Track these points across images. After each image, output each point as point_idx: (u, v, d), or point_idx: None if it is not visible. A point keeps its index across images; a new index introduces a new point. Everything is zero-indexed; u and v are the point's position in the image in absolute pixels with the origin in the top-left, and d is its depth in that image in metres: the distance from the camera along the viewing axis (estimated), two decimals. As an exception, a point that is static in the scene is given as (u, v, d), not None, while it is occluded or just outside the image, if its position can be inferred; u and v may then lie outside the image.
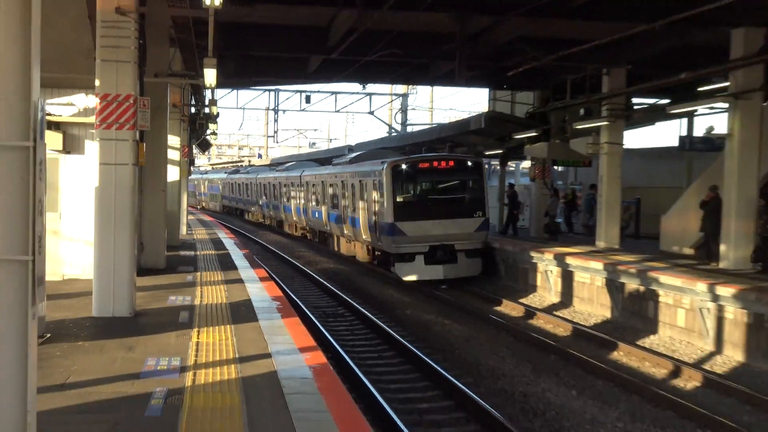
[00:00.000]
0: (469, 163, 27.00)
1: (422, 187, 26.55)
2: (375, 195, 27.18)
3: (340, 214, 35.32)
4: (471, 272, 26.01)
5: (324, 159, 51.82)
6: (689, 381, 15.11)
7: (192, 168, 53.35)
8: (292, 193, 45.72)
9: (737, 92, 20.51)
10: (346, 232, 34.43)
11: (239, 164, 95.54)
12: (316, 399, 8.47)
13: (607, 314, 21.27)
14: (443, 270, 24.52)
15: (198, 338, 11.58)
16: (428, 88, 60.32)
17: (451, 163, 27.12)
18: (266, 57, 28.75)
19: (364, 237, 31.38)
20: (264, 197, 56.33)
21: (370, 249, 31.77)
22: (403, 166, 25.55)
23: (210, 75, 17.68)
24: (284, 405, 8.22)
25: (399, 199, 25.02)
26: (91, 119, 15.59)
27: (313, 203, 41.11)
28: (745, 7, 16.80)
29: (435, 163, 26.60)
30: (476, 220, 25.47)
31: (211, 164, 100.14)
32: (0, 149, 5.64)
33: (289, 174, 47.98)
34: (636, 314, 20.07)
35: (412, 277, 24.59)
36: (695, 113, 31.96)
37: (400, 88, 52.86)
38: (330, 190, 37.76)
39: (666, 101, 31.30)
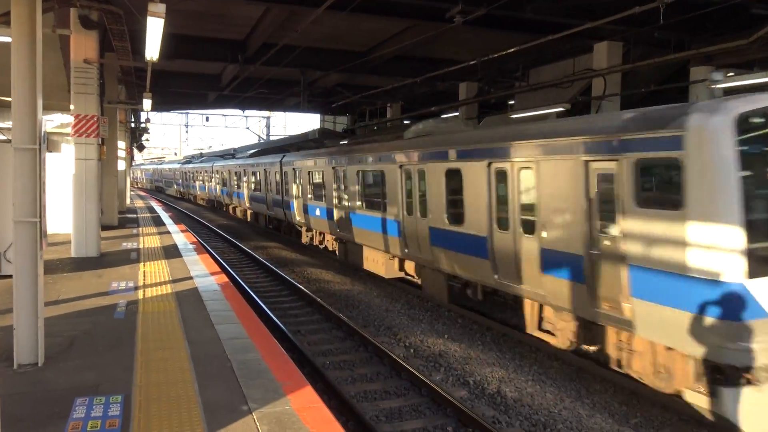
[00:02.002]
0: None
1: None
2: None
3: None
4: None
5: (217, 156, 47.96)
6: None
7: (133, 162, 50.29)
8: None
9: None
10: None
11: (162, 159, 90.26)
12: (224, 303, 8.40)
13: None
14: None
15: (144, 269, 11.14)
16: (282, 113, 59.46)
17: None
18: (180, 92, 27.45)
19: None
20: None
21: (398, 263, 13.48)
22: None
23: (147, 104, 16.85)
24: (204, 307, 8.12)
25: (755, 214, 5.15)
26: (66, 130, 14.58)
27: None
28: (468, 71, 17.58)
29: None
30: None
31: (144, 159, 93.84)
32: (19, 150, 5.37)
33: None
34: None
35: None
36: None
37: (266, 113, 52.10)
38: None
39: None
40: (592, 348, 8.43)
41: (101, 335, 6.76)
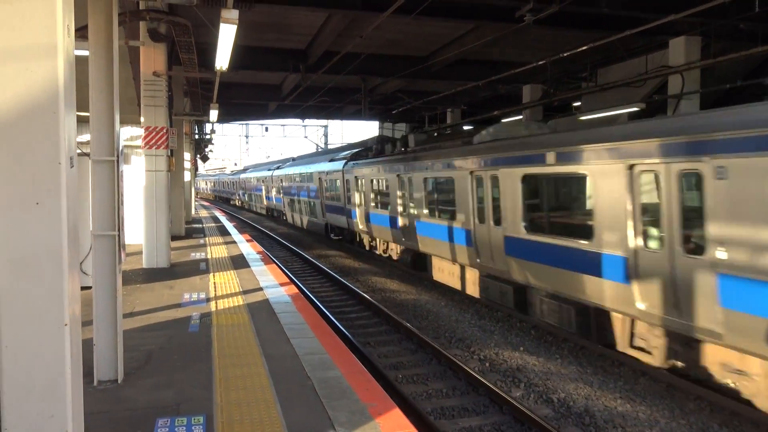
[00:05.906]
0: None
1: None
2: None
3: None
4: None
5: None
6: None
7: (197, 173, 51.60)
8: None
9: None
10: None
11: (223, 170, 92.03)
12: (296, 315, 8.19)
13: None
14: None
15: (214, 279, 11.10)
16: (340, 121, 59.67)
17: None
18: (242, 103, 27.80)
19: None
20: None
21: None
22: None
23: (213, 114, 17.01)
24: (277, 320, 7.92)
25: None
26: (135, 143, 14.77)
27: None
28: (531, 73, 17.04)
29: None
30: None
31: (205, 170, 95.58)
32: (98, 162, 5.28)
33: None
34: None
35: None
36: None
37: (324, 121, 52.29)
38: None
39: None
40: None
41: (177, 350, 6.64)
